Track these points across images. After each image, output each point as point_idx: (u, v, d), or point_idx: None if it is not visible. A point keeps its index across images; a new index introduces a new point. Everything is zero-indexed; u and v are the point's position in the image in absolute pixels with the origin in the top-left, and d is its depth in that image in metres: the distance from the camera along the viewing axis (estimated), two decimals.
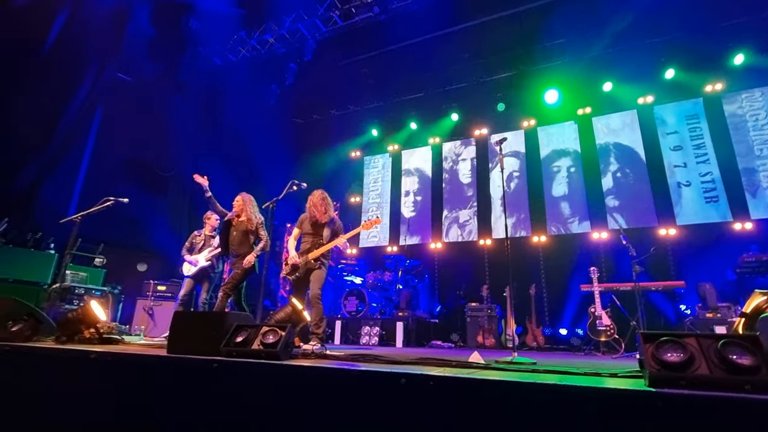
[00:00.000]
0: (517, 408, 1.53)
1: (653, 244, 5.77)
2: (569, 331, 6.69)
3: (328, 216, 3.99)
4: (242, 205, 4.35)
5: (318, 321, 3.70)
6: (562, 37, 7.00)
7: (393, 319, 6.42)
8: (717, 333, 1.51)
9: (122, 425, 2.26)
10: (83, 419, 2.36)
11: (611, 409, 1.45)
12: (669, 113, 7.14)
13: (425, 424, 1.65)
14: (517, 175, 8.03)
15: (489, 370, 2.04)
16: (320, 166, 9.30)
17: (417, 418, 1.66)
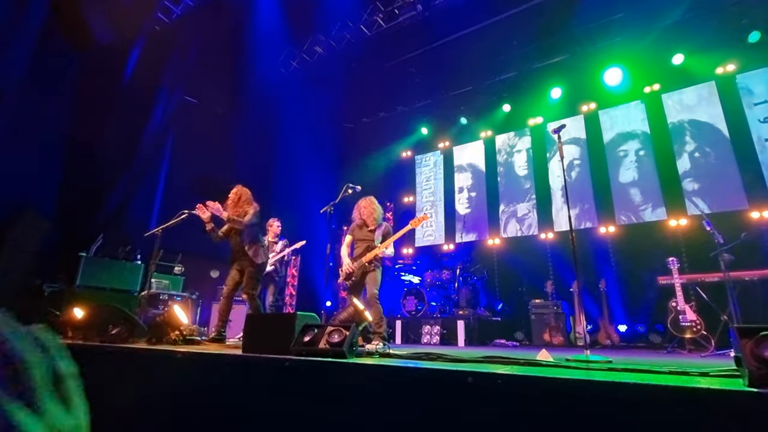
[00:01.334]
0: (591, 409, 1.45)
1: (744, 229, 5.15)
2: (647, 327, 6.18)
3: (377, 220, 4.11)
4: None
5: (378, 320, 3.77)
6: (620, 11, 6.51)
7: (453, 318, 6.34)
8: None
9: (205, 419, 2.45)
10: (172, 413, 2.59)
11: (704, 411, 1.32)
12: (756, 81, 6.35)
13: (493, 424, 1.61)
14: (578, 163, 7.58)
15: (560, 368, 1.94)
16: (372, 168, 9.43)
17: (485, 418, 1.63)
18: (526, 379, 1.57)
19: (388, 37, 7.71)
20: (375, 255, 3.92)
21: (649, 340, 5.98)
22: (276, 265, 5.42)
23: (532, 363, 2.02)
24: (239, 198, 4.44)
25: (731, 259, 4.41)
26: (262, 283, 5.39)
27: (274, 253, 5.45)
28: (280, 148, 9.41)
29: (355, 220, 4.19)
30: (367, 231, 4.09)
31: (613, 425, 1.40)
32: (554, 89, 7.70)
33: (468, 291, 6.89)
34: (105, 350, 3.15)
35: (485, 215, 8.34)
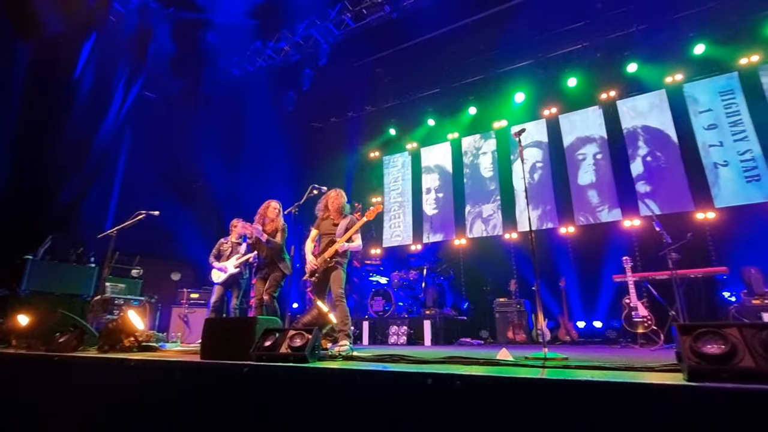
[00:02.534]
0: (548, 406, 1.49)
1: (690, 230, 5.50)
2: (604, 323, 6.47)
3: (341, 212, 3.99)
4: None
5: (344, 319, 3.69)
6: (580, 20, 6.78)
7: (420, 318, 6.39)
8: (761, 322, 1.42)
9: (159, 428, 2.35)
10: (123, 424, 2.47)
11: (648, 405, 1.38)
12: (700, 90, 6.79)
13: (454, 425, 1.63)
14: (541, 165, 7.84)
15: (518, 367, 1.99)
16: (340, 168, 9.38)
17: (445, 419, 1.64)
18: (483, 379, 1.60)
19: (356, 37, 7.68)
20: (335, 250, 3.79)
21: (606, 335, 6.27)
22: (240, 268, 5.27)
23: (492, 362, 2.06)
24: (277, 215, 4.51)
25: (678, 257, 4.69)
26: (226, 286, 5.24)
27: (238, 254, 5.30)
28: (245, 147, 9.17)
29: (321, 212, 4.08)
30: (332, 224, 3.98)
31: (568, 421, 1.45)
32: (518, 93, 7.92)
33: (435, 291, 6.97)
34: (50, 360, 2.95)
35: (452, 216, 8.47)
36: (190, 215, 8.94)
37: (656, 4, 6.31)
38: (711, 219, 6.26)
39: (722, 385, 1.31)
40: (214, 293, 5.15)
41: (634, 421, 1.37)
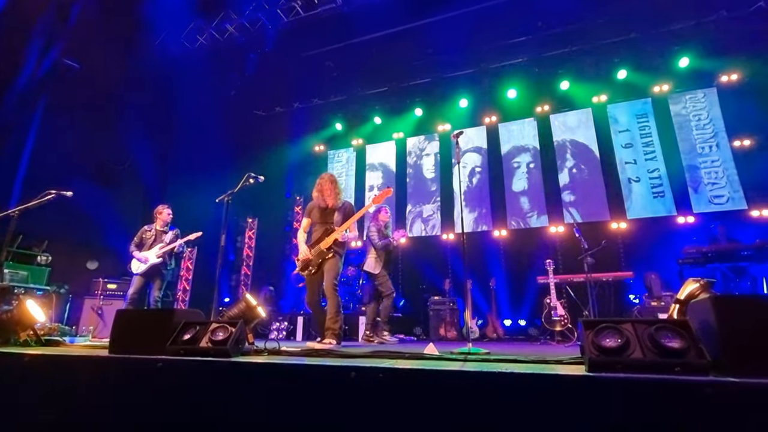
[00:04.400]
0: (466, 396, 1.55)
1: (605, 237, 6.06)
2: (528, 321, 6.92)
3: (338, 200, 3.78)
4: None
5: (334, 315, 3.45)
6: (521, 35, 7.15)
7: (356, 314, 6.40)
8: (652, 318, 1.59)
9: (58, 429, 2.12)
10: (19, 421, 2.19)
11: (554, 393, 1.48)
12: (621, 112, 7.49)
13: (377, 417, 1.63)
14: (479, 170, 8.19)
15: (442, 360, 2.05)
16: (283, 159, 9.12)
17: (368, 411, 1.65)
18: (406, 372, 1.62)
19: (306, 27, 7.49)
20: (335, 239, 3.58)
21: (528, 332, 6.71)
22: (165, 257, 4.91)
23: (417, 357, 2.10)
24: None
25: (593, 262, 5.13)
26: (147, 277, 4.87)
27: (162, 243, 4.94)
28: (179, 129, 8.58)
29: (315, 200, 3.84)
30: (327, 213, 3.75)
31: (486, 410, 1.51)
32: (462, 99, 8.21)
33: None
34: None
35: (393, 214, 8.56)
36: (112, 199, 8.19)
37: (588, 29, 6.83)
38: (623, 229, 6.93)
39: (616, 375, 1.44)
40: (133, 284, 4.77)
41: (542, 407, 1.47)
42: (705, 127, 6.94)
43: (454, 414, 1.55)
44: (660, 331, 1.54)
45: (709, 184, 6.65)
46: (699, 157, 6.84)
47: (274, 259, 8.92)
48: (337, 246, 3.63)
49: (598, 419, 1.40)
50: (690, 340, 1.51)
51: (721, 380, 1.32)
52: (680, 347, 1.49)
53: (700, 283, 2.03)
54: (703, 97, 7.05)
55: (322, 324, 3.46)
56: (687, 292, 2.02)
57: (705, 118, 6.98)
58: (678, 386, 1.36)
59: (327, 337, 3.32)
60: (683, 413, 1.31)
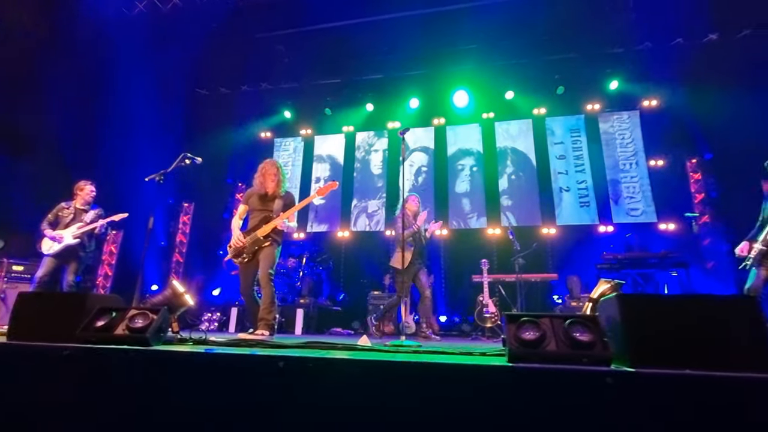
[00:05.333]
0: (395, 385, 1.58)
1: (536, 241, 6.47)
2: (461, 318, 7.20)
3: (281, 188, 3.64)
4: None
5: (269, 305, 3.31)
6: (472, 43, 7.39)
7: (294, 306, 6.28)
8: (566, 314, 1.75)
9: None
10: None
11: (477, 383, 1.55)
12: (557, 125, 8.03)
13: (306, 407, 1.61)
14: (425, 170, 8.38)
15: (374, 352, 2.08)
16: (225, 143, 8.69)
17: (297, 401, 1.62)
18: (336, 362, 1.62)
19: (258, 7, 7.19)
20: (273, 227, 3.44)
21: (461, 328, 6.99)
22: (83, 238, 4.48)
23: (350, 348, 2.11)
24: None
25: (523, 263, 5.45)
26: (60, 259, 4.41)
27: (81, 223, 4.50)
28: (110, 101, 7.84)
29: (255, 186, 3.67)
30: (268, 200, 3.60)
31: (413, 398, 1.55)
32: (413, 99, 8.33)
33: (312, 280, 6.93)
34: None
35: (338, 208, 8.53)
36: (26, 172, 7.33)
37: (533, 44, 7.22)
38: (552, 234, 7.44)
39: (532, 366, 1.54)
40: (43, 266, 4.30)
41: (467, 396, 1.53)
42: (627, 145, 7.65)
43: (383, 403, 1.57)
44: (572, 326, 1.66)
45: (628, 197, 7.34)
46: (621, 172, 7.52)
47: (209, 247, 8.49)
48: (276, 234, 3.53)
49: (517, 406, 1.48)
50: (597, 334, 1.65)
51: (619, 370, 1.47)
52: (589, 340, 1.63)
53: (610, 284, 2.24)
54: (627, 118, 7.75)
55: (255, 315, 3.35)
56: (599, 292, 2.22)
57: (628, 138, 7.68)
58: (584, 376, 1.48)
59: (260, 328, 3.22)
60: (588, 400, 1.43)
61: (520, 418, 1.47)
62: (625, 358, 1.56)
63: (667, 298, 1.86)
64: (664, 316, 1.55)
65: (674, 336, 1.53)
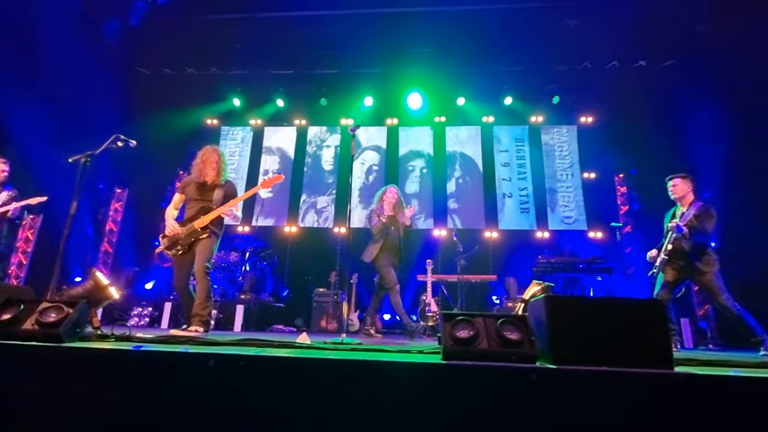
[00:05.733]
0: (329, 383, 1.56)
1: (478, 243, 6.73)
2: None
3: (221, 177, 3.44)
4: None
5: (204, 300, 3.13)
6: (427, 47, 7.52)
7: (234, 302, 6.05)
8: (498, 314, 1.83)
9: None
10: None
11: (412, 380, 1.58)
12: (504, 134, 8.40)
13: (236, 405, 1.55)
14: (377, 169, 8.42)
15: (312, 349, 2.05)
16: (167, 127, 8.14)
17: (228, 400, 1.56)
18: (270, 360, 1.57)
19: None
20: (212, 218, 3.26)
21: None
22: None
23: (287, 345, 2.06)
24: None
25: (465, 264, 5.65)
26: None
27: None
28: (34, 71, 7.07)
29: (193, 174, 3.45)
30: (206, 190, 3.39)
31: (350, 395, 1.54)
32: (367, 97, 8.32)
33: (254, 275, 6.71)
34: None
35: (286, 202, 8.33)
36: None
37: (485, 54, 7.49)
38: (494, 237, 7.78)
39: (464, 363, 1.60)
40: None
41: (402, 392, 1.55)
42: (565, 157, 8.18)
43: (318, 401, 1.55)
44: (504, 325, 1.75)
45: (563, 206, 7.85)
46: (558, 182, 8.03)
47: (144, 237, 7.93)
48: (214, 226, 3.37)
49: (451, 402, 1.53)
50: (526, 333, 1.74)
51: (543, 367, 1.56)
52: (518, 339, 1.72)
53: (541, 286, 2.38)
54: (566, 132, 8.29)
55: (190, 310, 3.18)
56: (530, 293, 2.36)
57: (566, 150, 8.22)
58: (511, 372, 1.56)
59: (193, 324, 3.05)
60: (515, 396, 1.51)
61: (453, 412, 1.51)
62: (550, 356, 1.66)
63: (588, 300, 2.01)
64: (584, 317, 1.68)
65: (593, 335, 1.65)
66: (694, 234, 3.71)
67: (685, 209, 3.86)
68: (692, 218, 3.73)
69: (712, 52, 6.45)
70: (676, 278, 3.78)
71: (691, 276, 3.75)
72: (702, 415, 1.40)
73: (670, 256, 3.76)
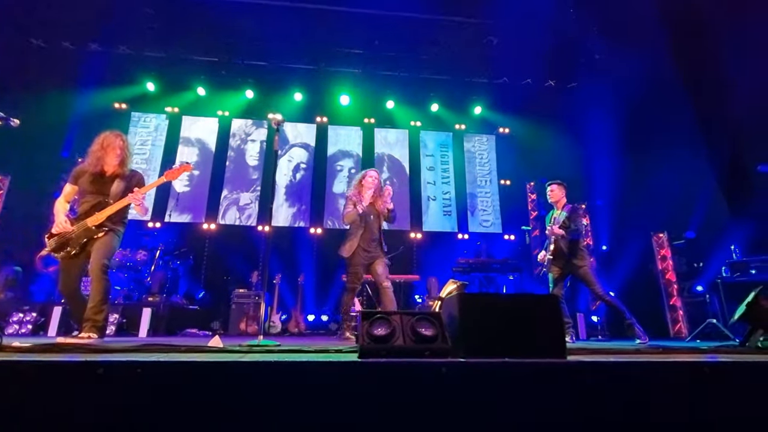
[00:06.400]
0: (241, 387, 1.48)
1: (403, 244, 6.90)
2: (330, 317, 7.26)
3: (124, 167, 3.04)
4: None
5: (99, 303, 2.74)
6: (359, 47, 7.55)
7: (139, 305, 5.51)
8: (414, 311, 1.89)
9: None
10: None
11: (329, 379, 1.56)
12: (430, 139, 8.73)
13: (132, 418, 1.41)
14: (304, 167, 8.25)
15: (224, 353, 1.93)
16: (65, 109, 7.21)
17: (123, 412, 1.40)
18: (170, 365, 1.45)
19: None
20: (108, 215, 2.88)
21: (329, 327, 7.04)
22: None
23: (195, 349, 1.92)
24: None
25: (389, 264, 5.75)
26: None
27: None
28: None
29: (90, 162, 3.00)
30: (104, 181, 2.97)
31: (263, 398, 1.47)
32: (297, 93, 8.13)
33: (164, 275, 6.18)
34: None
35: (205, 197, 7.80)
36: None
37: (414, 59, 7.71)
38: (419, 238, 8.04)
39: (379, 360, 1.62)
40: None
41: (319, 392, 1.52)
42: (484, 164, 8.73)
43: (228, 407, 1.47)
44: (419, 322, 1.80)
45: (482, 210, 8.37)
46: (478, 187, 8.54)
47: (29, 232, 6.89)
48: (113, 222, 2.98)
49: (368, 400, 1.53)
50: (440, 329, 1.82)
51: (453, 361, 1.63)
52: (432, 335, 1.78)
53: (457, 284, 2.51)
54: (486, 141, 8.85)
55: (82, 315, 2.81)
56: (447, 291, 2.47)
57: (485, 158, 8.77)
58: (424, 367, 1.61)
59: (85, 330, 2.69)
60: (427, 390, 1.56)
61: (369, 409, 1.52)
62: (461, 350, 1.75)
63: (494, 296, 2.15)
64: (491, 312, 1.79)
65: (498, 329, 1.77)
66: (569, 233, 4.23)
67: (559, 212, 4.39)
68: (566, 219, 4.28)
69: (608, 77, 7.34)
70: (561, 274, 4.33)
71: (571, 271, 4.27)
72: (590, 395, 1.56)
73: (554, 256, 4.24)
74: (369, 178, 4.31)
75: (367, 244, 4.30)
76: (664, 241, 6.49)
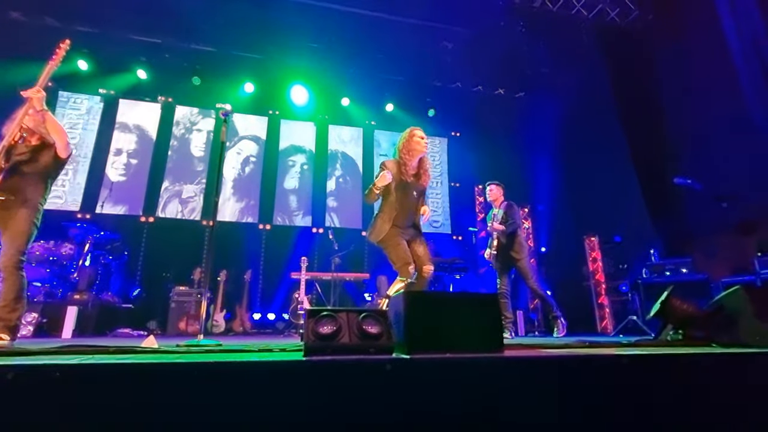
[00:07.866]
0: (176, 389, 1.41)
1: (354, 243, 6.89)
2: (277, 315, 7.09)
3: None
4: None
5: (11, 302, 2.44)
6: (316, 42, 7.42)
7: (63, 303, 5.04)
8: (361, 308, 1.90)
9: None
10: None
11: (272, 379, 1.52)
12: (383, 138, 8.78)
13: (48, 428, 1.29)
14: (254, 160, 7.99)
15: (159, 354, 1.82)
16: None
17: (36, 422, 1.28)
18: (96, 368, 1.35)
19: None
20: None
21: (276, 326, 6.87)
22: None
23: (125, 351, 1.80)
24: None
25: (340, 262, 5.73)
26: None
27: None
28: None
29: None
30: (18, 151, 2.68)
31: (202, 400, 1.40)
32: (248, 83, 7.83)
33: (94, 271, 5.70)
34: None
35: (143, 188, 7.30)
36: None
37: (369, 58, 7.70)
38: None
39: (324, 358, 1.61)
40: None
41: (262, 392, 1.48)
42: (437, 167, 8.93)
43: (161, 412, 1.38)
44: (365, 319, 1.81)
45: (432, 211, 8.55)
46: (429, 188, 8.69)
47: None
48: (29, 192, 2.68)
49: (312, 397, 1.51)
50: (385, 326, 1.84)
51: (398, 357, 1.66)
52: (377, 332, 1.80)
53: (404, 282, 2.55)
54: (438, 143, 9.06)
55: None
56: (394, 289, 2.50)
57: (438, 160, 8.98)
58: (369, 365, 1.62)
59: None
60: (371, 387, 1.57)
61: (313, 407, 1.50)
62: (405, 347, 1.78)
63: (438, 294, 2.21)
64: (435, 309, 1.84)
65: (442, 326, 1.83)
66: (508, 227, 4.62)
67: (497, 210, 4.69)
68: (504, 215, 4.58)
69: (553, 90, 7.81)
70: (503, 268, 4.65)
71: (511, 264, 4.56)
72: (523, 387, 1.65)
73: (497, 252, 4.51)
74: (418, 138, 3.28)
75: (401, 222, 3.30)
76: (596, 244, 7.01)
